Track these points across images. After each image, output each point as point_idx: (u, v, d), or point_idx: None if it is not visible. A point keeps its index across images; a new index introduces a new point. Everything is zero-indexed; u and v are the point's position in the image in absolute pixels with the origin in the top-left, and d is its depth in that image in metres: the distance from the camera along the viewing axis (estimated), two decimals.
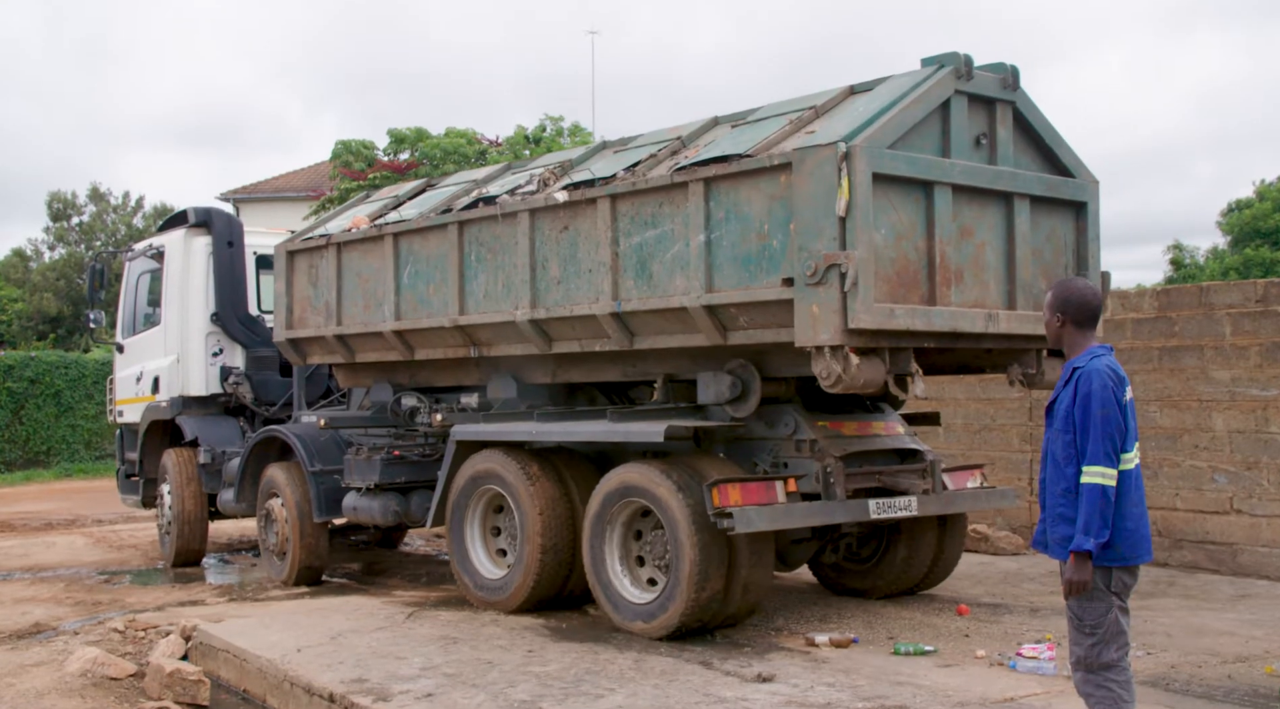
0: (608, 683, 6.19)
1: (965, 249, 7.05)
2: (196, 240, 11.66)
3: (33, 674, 7.22)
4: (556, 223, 7.96)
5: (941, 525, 8.40)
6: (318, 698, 6.30)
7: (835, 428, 7.64)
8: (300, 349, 10.47)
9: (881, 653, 6.92)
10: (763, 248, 6.78)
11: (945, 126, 7.02)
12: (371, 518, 9.44)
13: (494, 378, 8.99)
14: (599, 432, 7.75)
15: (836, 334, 6.38)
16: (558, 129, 28.86)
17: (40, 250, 47.06)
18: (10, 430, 22.98)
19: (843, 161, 6.36)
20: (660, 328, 7.46)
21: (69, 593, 10.07)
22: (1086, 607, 4.49)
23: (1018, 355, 7.69)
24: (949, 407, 12.03)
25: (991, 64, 7.34)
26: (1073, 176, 7.74)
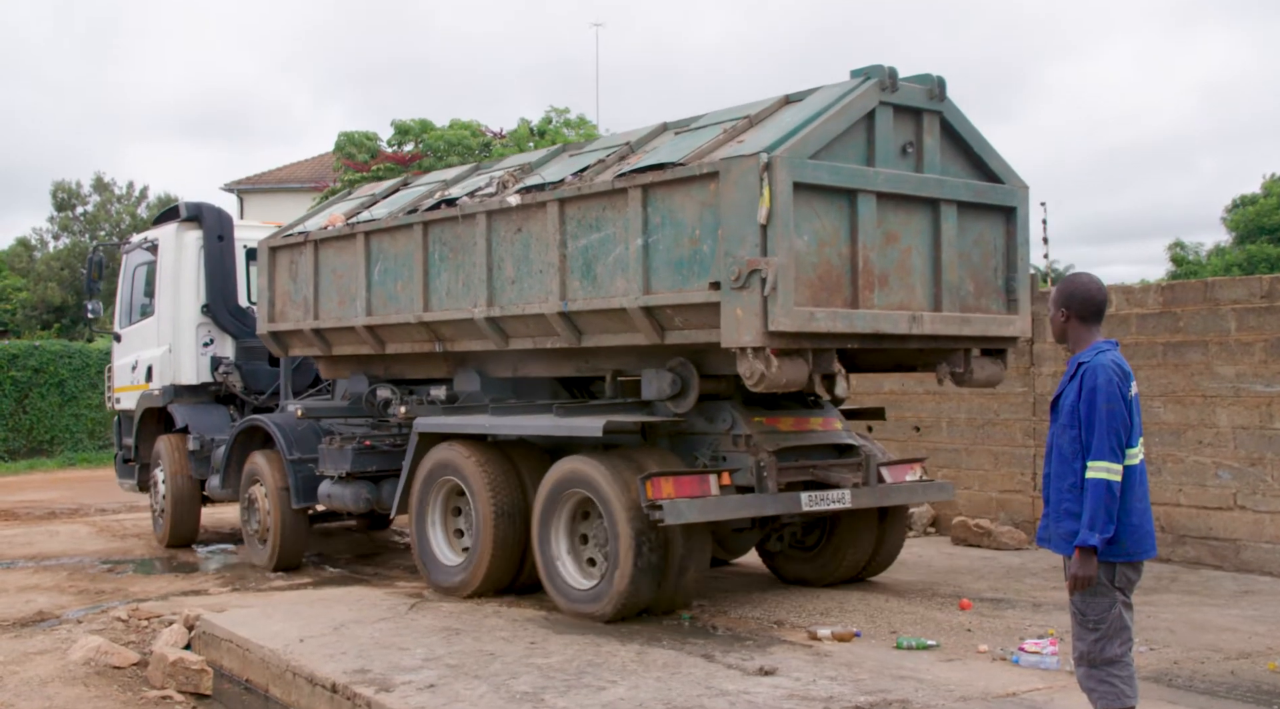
0: (610, 675, 6.20)
1: (890, 254, 7.33)
2: (188, 234, 12.07)
3: (36, 662, 7.23)
4: (511, 225, 8.28)
5: (882, 517, 8.67)
6: (320, 688, 6.31)
7: (771, 423, 7.91)
8: (282, 341, 10.83)
9: (884, 647, 6.92)
10: (694, 252, 7.09)
11: (870, 136, 7.26)
12: (344, 505, 9.78)
13: (460, 372, 9.36)
14: (545, 425, 8.05)
15: (758, 336, 6.69)
16: (563, 121, 28.83)
17: (45, 240, 47.11)
18: (14, 419, 23.00)
19: (764, 171, 6.66)
20: (604, 327, 7.78)
21: (72, 581, 10.08)
22: (1090, 602, 4.49)
23: (946, 355, 7.98)
24: (952, 401, 12.03)
25: (918, 76, 7.56)
26: (1002, 182, 7.96)
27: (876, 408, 9.93)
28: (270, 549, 10.35)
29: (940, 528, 12.06)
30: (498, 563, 8.34)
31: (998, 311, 7.98)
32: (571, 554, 7.94)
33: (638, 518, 7.26)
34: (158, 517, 12.30)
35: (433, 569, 8.83)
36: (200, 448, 11.55)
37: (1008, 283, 8.04)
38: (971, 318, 7.73)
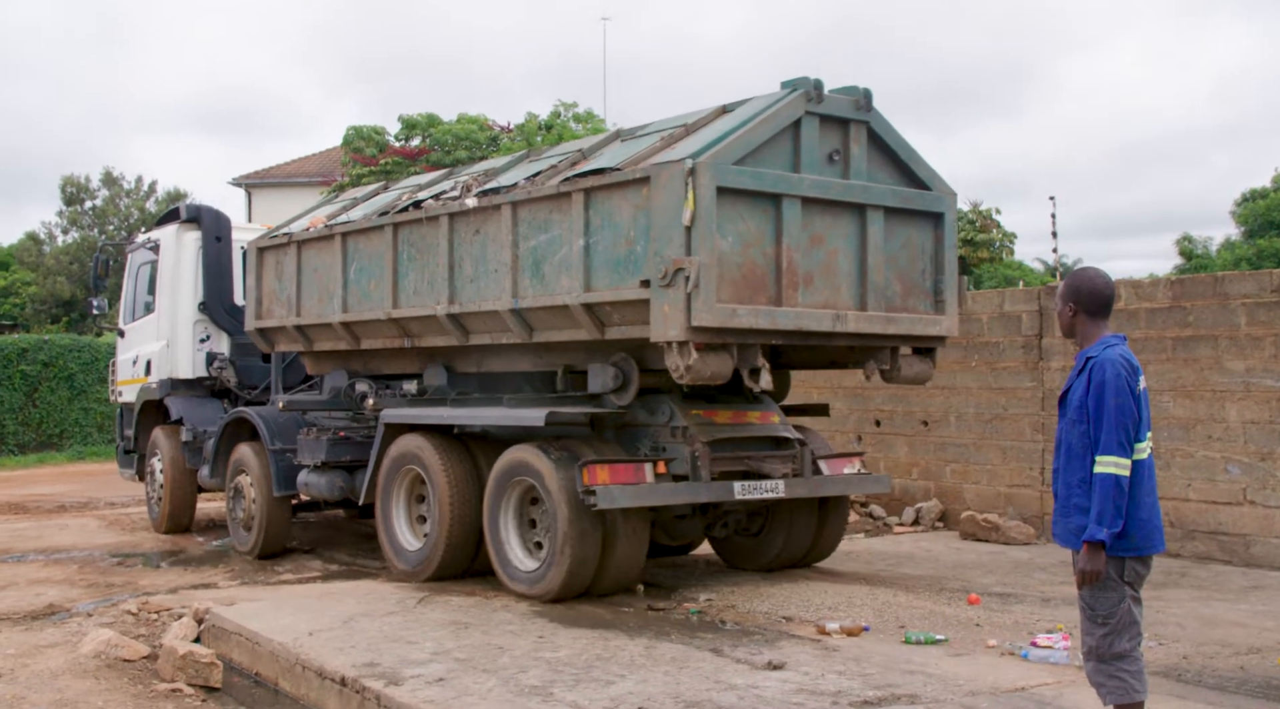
0: (618, 669, 6.21)
1: (816, 255, 7.72)
2: (187, 235, 12.62)
3: (47, 655, 7.25)
4: (470, 227, 8.73)
5: (822, 506, 9.08)
6: (330, 681, 6.32)
7: (709, 416, 8.28)
8: (268, 337, 11.32)
9: (892, 642, 6.92)
10: (629, 252, 7.51)
11: (796, 144, 7.68)
12: (321, 493, 10.24)
13: (429, 367, 9.83)
14: (495, 416, 8.58)
15: (682, 331, 7.09)
16: (571, 115, 28.81)
17: (54, 234, 47.19)
18: (24, 413, 23.07)
19: (689, 176, 7.08)
20: (552, 323, 8.19)
21: (82, 575, 10.11)
22: (1099, 597, 4.49)
23: (873, 352, 8.46)
24: (960, 395, 12.02)
25: (845, 88, 7.97)
26: (929, 189, 8.33)
27: (820, 404, 10.42)
28: (255, 536, 10.80)
29: (948, 523, 12.06)
30: (454, 547, 8.74)
31: (925, 312, 8.32)
32: (519, 537, 8.35)
33: (578, 503, 7.63)
34: (154, 505, 12.81)
35: (396, 553, 9.27)
36: (193, 439, 12.03)
37: (935, 285, 8.38)
38: (897, 317, 8.11)
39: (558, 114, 29.24)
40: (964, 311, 9.08)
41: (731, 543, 9.48)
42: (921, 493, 12.47)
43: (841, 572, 9.47)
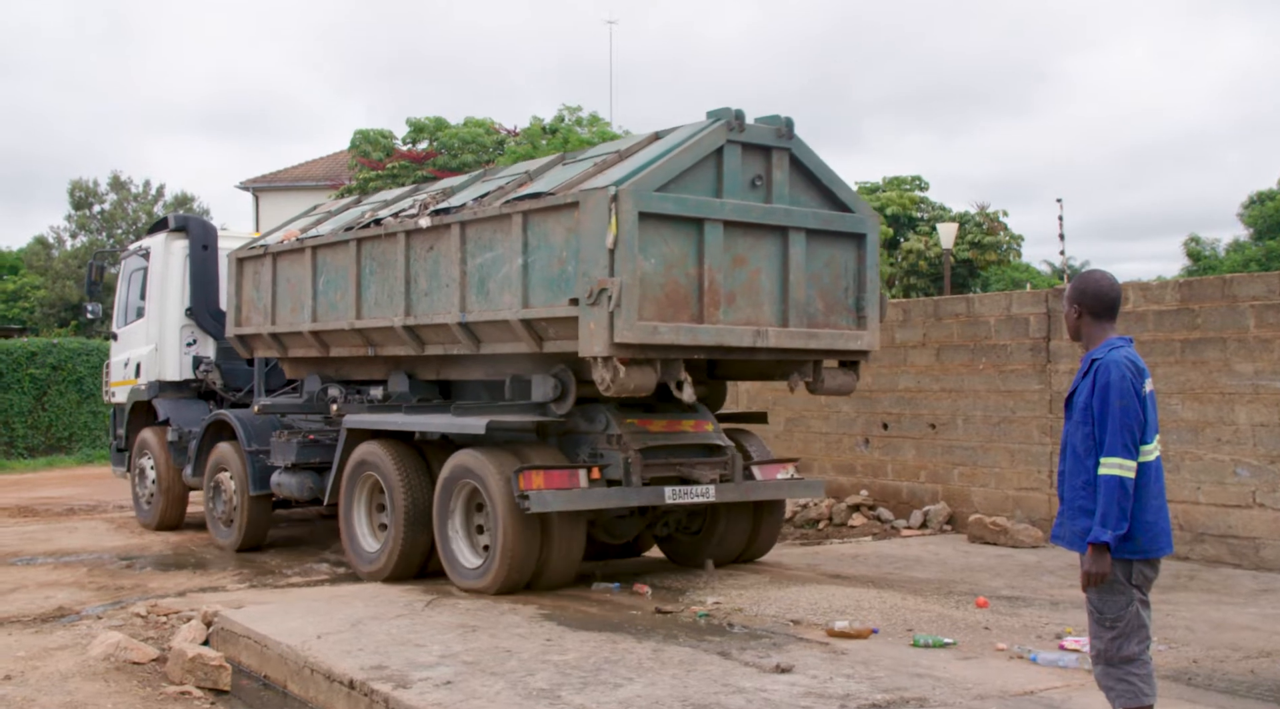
0: (626, 672, 6.21)
1: (738, 275, 8.17)
2: (176, 243, 13.17)
3: (57, 657, 7.27)
4: (425, 243, 9.23)
5: (758, 509, 9.54)
6: (338, 684, 6.33)
7: (643, 425, 8.69)
8: (247, 344, 11.87)
9: (900, 645, 6.91)
10: (561, 272, 7.98)
11: (719, 171, 8.09)
12: (292, 492, 10.66)
13: (393, 374, 10.29)
14: (441, 424, 8.92)
15: (606, 347, 7.55)
16: (576, 119, 28.84)
17: (62, 238, 47.27)
18: (32, 416, 23.13)
19: (612, 202, 7.52)
20: (496, 336, 8.67)
21: (91, 577, 10.13)
22: (1107, 600, 4.48)
23: (797, 365, 8.90)
24: (968, 398, 12.01)
25: (768, 117, 8.40)
26: (851, 212, 8.78)
27: (758, 412, 10.94)
28: (236, 531, 11.40)
29: (956, 526, 12.05)
30: (409, 549, 9.15)
31: (847, 327, 8.79)
32: (465, 536, 8.81)
33: (515, 506, 8.07)
34: (142, 503, 13.36)
35: (356, 554, 9.69)
36: (179, 439, 12.56)
37: (857, 301, 8.83)
38: (819, 333, 8.57)
39: (562, 118, 29.29)
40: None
41: (674, 541, 9.93)
42: (929, 496, 12.46)
43: (849, 575, 9.47)
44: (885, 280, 28.44)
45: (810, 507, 12.95)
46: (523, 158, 24.59)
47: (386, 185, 28.61)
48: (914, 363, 12.62)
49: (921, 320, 12.60)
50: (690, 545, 9.81)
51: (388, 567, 9.25)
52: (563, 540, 8.46)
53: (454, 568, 8.78)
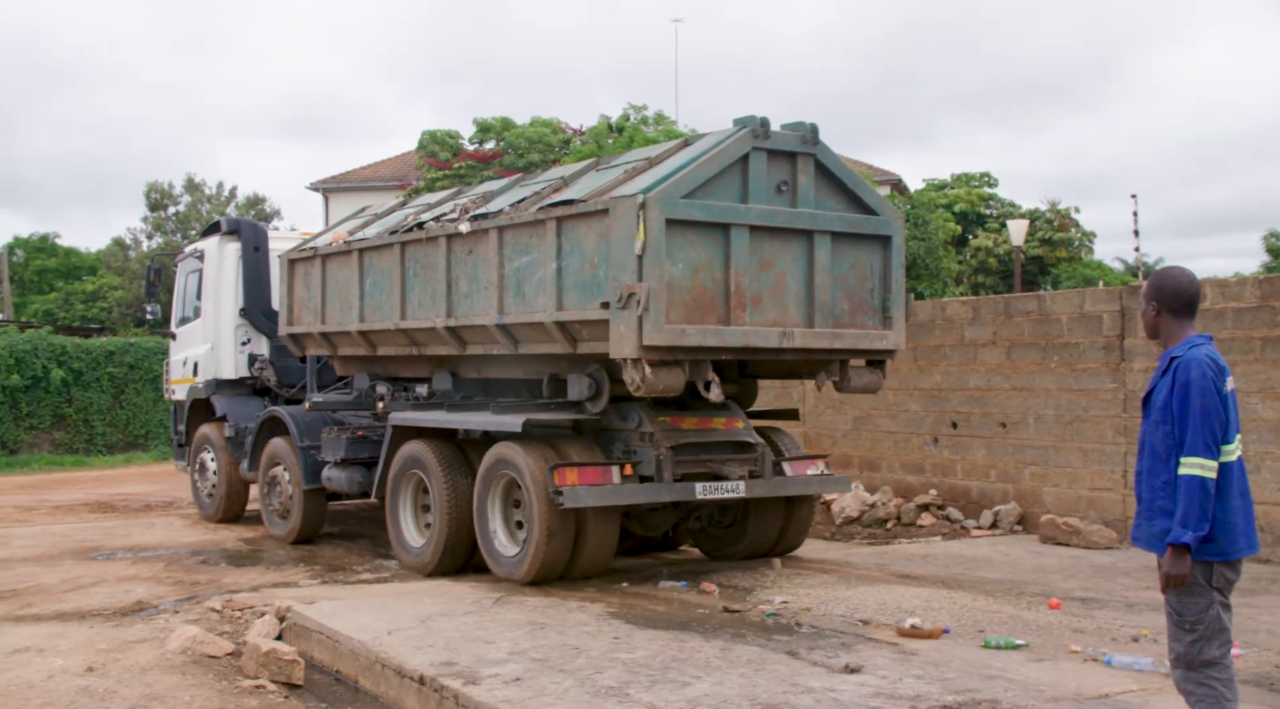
0: (694, 671, 6.20)
1: (765, 278, 8.39)
2: (229, 246, 13.59)
3: (136, 650, 7.43)
4: (464, 247, 9.54)
5: (789, 504, 9.76)
6: (408, 680, 6.39)
7: (675, 422, 8.95)
8: (298, 342, 12.25)
9: (971, 646, 6.84)
10: (593, 276, 8.24)
11: (745, 177, 8.32)
12: (342, 487, 11.05)
13: (437, 372, 10.65)
14: (482, 421, 9.19)
15: (635, 349, 7.81)
16: (641, 118, 28.84)
17: (139, 239, 48.19)
18: (111, 414, 23.64)
19: (640, 210, 7.77)
20: (532, 337, 8.96)
21: (168, 572, 10.33)
22: (1186, 602, 4.40)
23: (823, 365, 9.13)
24: (1039, 397, 11.84)
25: (793, 123, 8.61)
26: (876, 215, 8.93)
27: (790, 409, 11.13)
28: (291, 524, 11.80)
29: (1027, 526, 11.88)
30: (453, 542, 9.43)
31: (873, 327, 8.95)
32: (504, 526, 9.10)
33: (551, 499, 8.35)
34: (203, 497, 13.80)
35: (403, 548, 10.01)
36: (235, 434, 12.96)
37: (883, 302, 8.99)
38: (844, 333, 8.75)
39: (627, 117, 29.30)
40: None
41: (706, 534, 10.16)
42: (999, 496, 12.31)
43: (919, 575, 9.38)
44: (954, 277, 28.11)
45: (879, 506, 12.85)
46: (588, 157, 24.66)
47: (453, 185, 28.84)
48: (984, 361, 12.47)
49: (991, 318, 12.45)
50: (722, 539, 10.06)
51: (432, 561, 9.53)
52: (596, 533, 8.72)
53: (493, 557, 9.09)
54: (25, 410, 22.74)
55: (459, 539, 9.43)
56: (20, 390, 22.60)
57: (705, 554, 10.33)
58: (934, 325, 13.00)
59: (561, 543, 8.60)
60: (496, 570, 9.04)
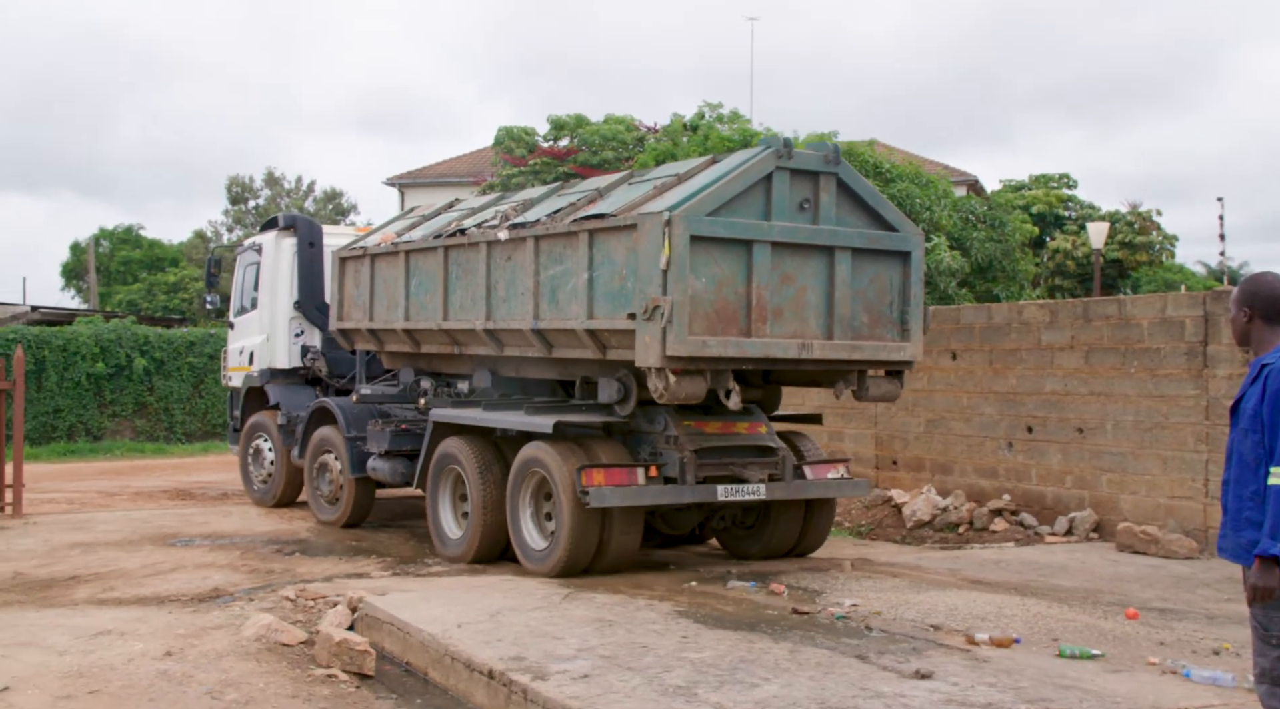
0: (763, 672, 6.18)
1: (785, 292, 8.74)
2: (285, 240, 14.10)
3: (212, 636, 7.57)
4: (503, 253, 9.96)
5: (809, 506, 10.12)
6: (478, 674, 6.44)
7: (699, 427, 9.32)
8: (347, 336, 12.79)
9: (1045, 654, 6.73)
10: (621, 287, 8.64)
11: (768, 195, 8.68)
12: (385, 477, 11.53)
13: (477, 371, 11.09)
14: (516, 421, 9.60)
15: (659, 359, 8.19)
16: (716, 116, 28.78)
17: (220, 232, 49.13)
18: (190, 404, 24.11)
19: (666, 226, 8.14)
20: (565, 342, 9.37)
21: (244, 560, 10.51)
22: (1274, 616, 4.28)
23: (842, 375, 9.44)
24: (1118, 403, 11.62)
25: (816, 143, 9.06)
26: (896, 231, 9.26)
27: (813, 414, 11.42)
28: (341, 510, 12.38)
29: (1103, 534, 11.68)
30: (487, 534, 9.86)
31: (891, 339, 9.27)
32: (534, 521, 9.53)
33: (578, 498, 8.75)
34: (256, 483, 14.37)
35: (441, 540, 10.48)
36: (287, 423, 13.47)
37: (902, 315, 9.32)
38: (862, 345, 9.08)
39: (702, 115, 29.25)
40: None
41: (729, 533, 10.52)
42: (1075, 502, 12.10)
43: (991, 581, 9.26)
44: (1030, 280, 27.70)
45: (950, 510, 12.70)
46: (663, 154, 24.66)
47: (529, 181, 29.00)
48: (1061, 365, 12.27)
49: (1069, 322, 12.25)
50: (745, 539, 10.41)
51: (469, 551, 10.01)
52: (622, 530, 9.11)
53: (523, 550, 9.51)
54: (109, 398, 23.29)
55: (493, 532, 9.86)
56: (104, 378, 23.14)
57: (729, 552, 10.64)
58: (1010, 328, 12.82)
59: (588, 540, 8.99)
60: (526, 564, 9.44)
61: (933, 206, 22.28)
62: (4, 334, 22.35)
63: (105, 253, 49.92)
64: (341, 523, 12.37)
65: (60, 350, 22.67)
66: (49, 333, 22.84)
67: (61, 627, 7.75)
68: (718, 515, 10.19)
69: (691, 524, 10.35)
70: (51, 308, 29.93)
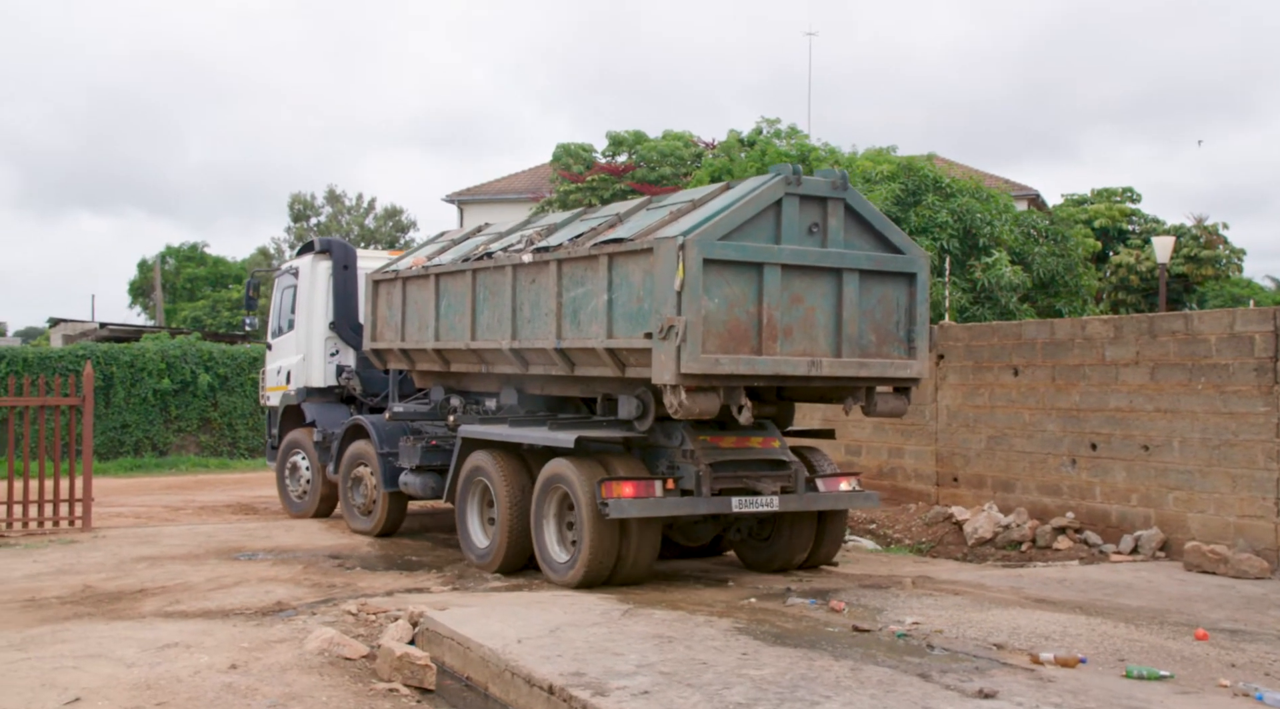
0: (824, 690, 6.14)
1: (795, 312, 9.13)
2: (321, 264, 14.65)
3: (276, 650, 7.65)
4: (528, 276, 10.39)
5: (821, 518, 10.48)
6: (538, 689, 6.46)
7: (714, 441, 9.68)
8: (381, 356, 13.29)
9: (1112, 675, 6.62)
10: (639, 309, 9.04)
11: (778, 219, 9.06)
12: (416, 491, 12.06)
13: (504, 388, 11.62)
14: (539, 436, 9.97)
15: (674, 376, 8.60)
16: (774, 132, 28.74)
17: (282, 249, 49.74)
18: (252, 419, 24.43)
19: (680, 251, 8.57)
20: (586, 361, 9.78)
21: (306, 575, 10.62)
22: None
23: (850, 391, 9.76)
24: (1185, 419, 11.42)
25: (824, 171, 9.46)
26: (903, 253, 9.63)
27: (826, 429, 11.76)
28: (375, 521, 12.91)
29: (1170, 553, 11.47)
30: (514, 544, 10.29)
31: (898, 357, 9.63)
32: (556, 534, 9.95)
33: (598, 510, 9.12)
34: (293, 498, 14.92)
35: (468, 548, 10.98)
36: (323, 439, 13.98)
37: (908, 334, 9.67)
38: (870, 362, 9.45)
39: (760, 130, 29.22)
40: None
41: (745, 545, 10.89)
42: (1141, 521, 11.90)
43: (1055, 599, 9.13)
44: (1093, 295, 27.33)
45: (1013, 527, 12.54)
46: (720, 170, 24.67)
47: (586, 198, 29.14)
48: (1125, 381, 12.10)
49: (1135, 337, 12.07)
50: (760, 550, 10.77)
51: (496, 561, 10.47)
52: (640, 541, 9.51)
53: (546, 561, 9.94)
54: (174, 413, 23.67)
55: (519, 542, 10.30)
56: (170, 394, 23.54)
57: (744, 562, 11.01)
58: (1073, 344, 12.66)
59: (608, 550, 9.38)
60: (549, 575, 9.87)
61: (993, 221, 22.08)
62: (74, 351, 22.82)
63: (171, 270, 50.78)
64: (375, 533, 12.89)
65: (128, 367, 23.10)
66: (117, 349, 23.29)
67: (129, 639, 7.88)
68: (733, 527, 10.55)
69: (708, 536, 10.73)
70: (119, 325, 30.51)
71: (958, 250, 21.35)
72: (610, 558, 9.43)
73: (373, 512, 12.97)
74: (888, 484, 14.76)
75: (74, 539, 12.67)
